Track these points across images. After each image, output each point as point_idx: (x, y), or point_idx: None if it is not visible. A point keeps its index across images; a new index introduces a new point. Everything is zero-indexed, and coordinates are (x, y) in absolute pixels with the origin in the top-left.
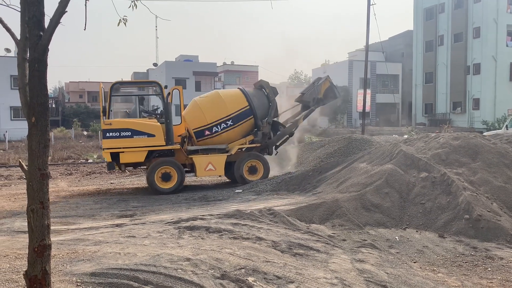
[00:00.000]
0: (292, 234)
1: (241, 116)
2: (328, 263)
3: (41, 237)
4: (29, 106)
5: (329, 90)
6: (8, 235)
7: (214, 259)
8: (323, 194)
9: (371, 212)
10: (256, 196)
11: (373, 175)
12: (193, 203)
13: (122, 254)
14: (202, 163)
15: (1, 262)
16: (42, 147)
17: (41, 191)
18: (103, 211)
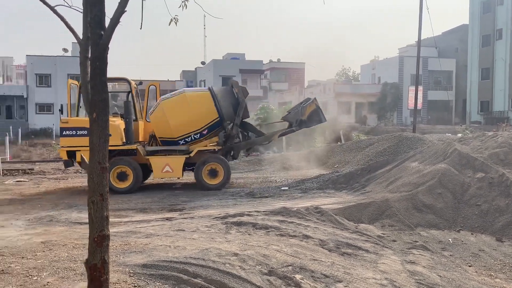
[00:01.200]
0: (340, 233)
1: (212, 127)
2: (378, 264)
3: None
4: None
5: (314, 113)
6: (66, 226)
7: (261, 255)
8: (372, 193)
9: (423, 213)
10: (302, 194)
11: (425, 174)
12: (240, 199)
13: (172, 247)
14: (159, 165)
15: (60, 251)
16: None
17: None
18: (153, 205)
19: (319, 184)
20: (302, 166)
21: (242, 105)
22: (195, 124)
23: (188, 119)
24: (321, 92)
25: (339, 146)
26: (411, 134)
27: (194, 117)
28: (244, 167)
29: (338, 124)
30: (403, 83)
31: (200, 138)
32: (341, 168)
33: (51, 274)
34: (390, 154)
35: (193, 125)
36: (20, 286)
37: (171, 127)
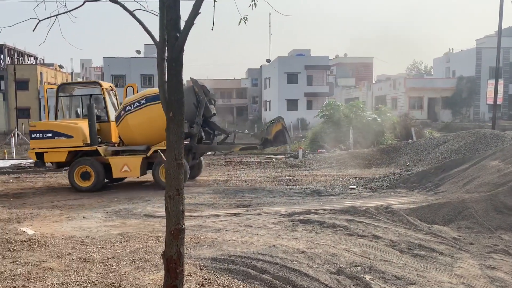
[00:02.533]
0: (412, 234)
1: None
2: (453, 267)
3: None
4: (168, 102)
5: (280, 133)
6: (140, 219)
7: (329, 254)
8: (447, 193)
9: (504, 215)
10: (371, 193)
11: (507, 174)
12: (306, 197)
13: (240, 242)
14: (118, 165)
15: (135, 242)
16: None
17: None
18: (221, 200)
19: (389, 183)
20: (371, 164)
21: (202, 104)
22: (160, 134)
23: (153, 132)
24: (390, 87)
25: (410, 143)
26: (490, 131)
27: (159, 129)
28: (310, 165)
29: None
30: (481, 77)
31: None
32: (413, 167)
33: (128, 264)
34: (466, 152)
35: (158, 136)
36: (100, 274)
37: (137, 139)
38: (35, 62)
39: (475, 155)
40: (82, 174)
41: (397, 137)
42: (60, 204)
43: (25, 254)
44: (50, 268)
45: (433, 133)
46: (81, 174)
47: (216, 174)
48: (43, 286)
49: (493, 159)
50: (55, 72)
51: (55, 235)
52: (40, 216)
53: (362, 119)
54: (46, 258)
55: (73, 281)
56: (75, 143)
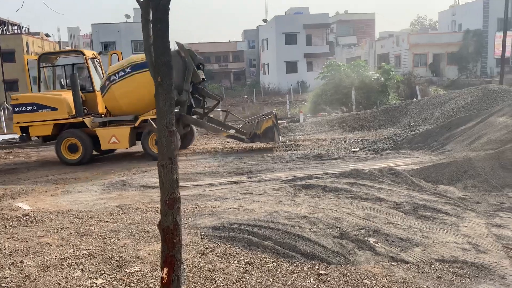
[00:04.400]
0: (416, 195)
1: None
2: (459, 227)
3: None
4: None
5: (269, 130)
6: (138, 190)
7: (331, 218)
8: (452, 152)
9: (511, 172)
10: (374, 155)
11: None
12: (308, 162)
13: (241, 209)
14: (105, 136)
15: (134, 214)
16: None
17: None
18: (221, 168)
19: (392, 144)
20: (374, 125)
21: (189, 70)
22: (147, 103)
23: (141, 101)
24: (393, 44)
25: (415, 102)
26: (497, 86)
27: (146, 98)
28: (311, 129)
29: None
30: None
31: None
32: (417, 127)
33: (127, 236)
34: (473, 109)
35: (146, 105)
36: (100, 247)
37: (123, 110)
38: (19, 31)
39: (482, 112)
40: (70, 147)
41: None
42: (55, 178)
43: (22, 230)
44: (48, 243)
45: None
46: (68, 147)
47: (215, 142)
48: (42, 261)
49: (500, 115)
50: (41, 41)
51: (52, 210)
52: (35, 191)
53: (364, 79)
54: (44, 233)
55: (72, 255)
56: (60, 115)
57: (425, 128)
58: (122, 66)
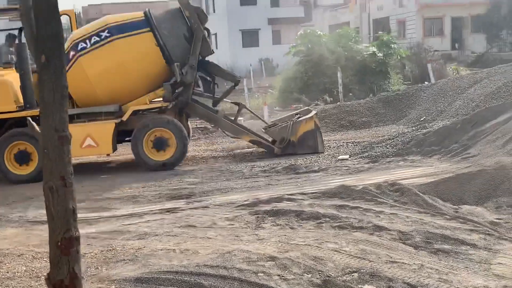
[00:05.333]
0: (430, 220)
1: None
2: (491, 265)
3: (66, 227)
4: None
5: (309, 136)
6: (21, 227)
7: (311, 258)
8: (480, 157)
9: None
10: (371, 165)
11: None
12: (276, 177)
13: (177, 251)
14: (76, 137)
15: (15, 264)
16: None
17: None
18: (147, 191)
19: (396, 148)
20: (370, 121)
21: (198, 36)
22: (136, 86)
23: (126, 83)
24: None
25: (427, 88)
26: None
27: (134, 78)
28: None
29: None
30: None
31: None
32: (430, 122)
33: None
34: (508, 96)
35: (134, 89)
36: None
37: (98, 96)
38: None
39: None
40: (18, 156)
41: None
42: None
43: None
44: None
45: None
46: (16, 155)
47: None
48: None
49: None
50: None
51: None
52: None
53: (355, 55)
54: None
55: None
56: (4, 107)
57: (441, 123)
58: (94, 29)
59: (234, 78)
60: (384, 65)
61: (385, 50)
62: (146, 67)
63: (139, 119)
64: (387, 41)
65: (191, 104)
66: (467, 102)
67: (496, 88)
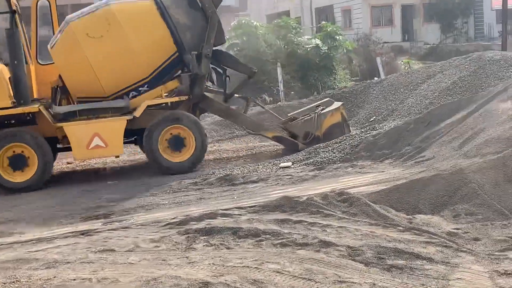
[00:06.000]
0: (382, 233)
1: (168, 69)
2: (450, 281)
3: None
4: None
5: (336, 129)
6: None
7: (250, 282)
8: (435, 161)
9: None
10: (316, 172)
11: None
12: (209, 190)
13: (94, 280)
14: (82, 137)
15: None
16: None
17: None
18: (59, 210)
19: (344, 152)
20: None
21: (213, 22)
22: (140, 70)
23: (128, 63)
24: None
25: (376, 84)
26: (499, 54)
27: (138, 59)
28: (212, 133)
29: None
30: None
31: (150, 90)
32: (381, 123)
33: None
34: (463, 92)
35: (136, 72)
36: None
37: (100, 83)
38: None
39: (476, 95)
40: (13, 160)
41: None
42: None
43: None
44: None
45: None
46: (10, 160)
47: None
48: None
49: (503, 99)
50: None
51: None
52: None
53: (296, 48)
54: None
55: None
56: None
57: (393, 124)
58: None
59: (250, 70)
60: (329, 59)
61: (329, 43)
62: (156, 56)
63: (152, 115)
64: (332, 32)
65: (207, 100)
66: (420, 99)
67: (451, 83)
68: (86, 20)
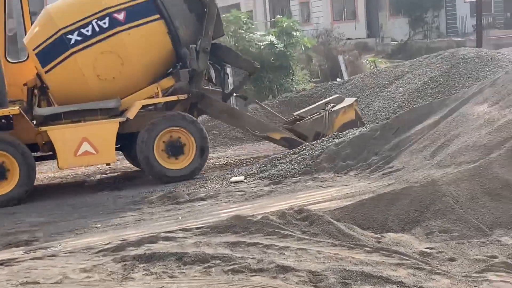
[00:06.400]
0: (347, 255)
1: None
2: None
3: None
4: None
5: (351, 126)
6: None
7: None
8: (405, 172)
9: (503, 202)
10: (272, 187)
11: (503, 127)
12: (149, 210)
13: None
14: (68, 142)
15: None
16: None
17: None
18: None
19: (303, 164)
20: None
21: (211, 13)
22: (137, 81)
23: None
24: None
25: (339, 85)
26: (473, 51)
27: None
28: None
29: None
30: None
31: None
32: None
33: None
34: (435, 93)
35: (134, 84)
36: None
37: (91, 88)
38: None
39: (449, 97)
40: None
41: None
42: None
43: None
44: None
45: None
46: None
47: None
48: None
49: (479, 101)
50: None
51: None
52: None
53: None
54: None
55: None
56: None
57: (358, 131)
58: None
59: (252, 66)
60: (285, 58)
61: (285, 40)
62: (152, 55)
63: (142, 117)
64: (288, 27)
65: (207, 97)
66: (388, 102)
67: (421, 84)
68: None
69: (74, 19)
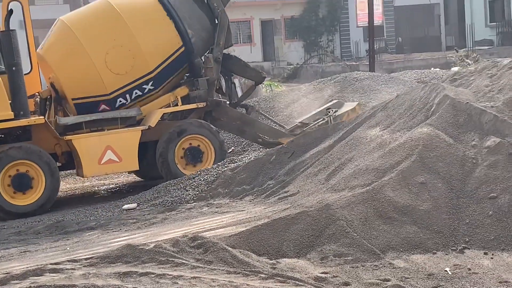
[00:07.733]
0: (242, 282)
1: (173, 67)
2: None
3: None
4: None
5: None
6: None
7: None
8: (300, 196)
9: (395, 224)
10: (166, 214)
11: (394, 150)
12: (35, 240)
13: None
14: (92, 150)
15: None
16: None
17: None
18: None
19: (198, 190)
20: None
21: (223, 23)
22: (144, 64)
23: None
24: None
25: None
26: (366, 75)
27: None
28: None
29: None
30: None
31: (156, 89)
32: (240, 154)
33: None
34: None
35: (140, 66)
36: None
37: (101, 78)
38: None
39: (343, 121)
40: (16, 180)
41: None
42: None
43: None
44: None
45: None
46: (13, 180)
47: None
48: None
49: (371, 125)
50: None
51: None
52: None
53: None
54: None
55: None
56: None
57: (253, 156)
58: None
59: (259, 76)
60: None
61: None
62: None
63: (165, 125)
64: None
65: (221, 105)
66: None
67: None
68: (85, 17)
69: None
